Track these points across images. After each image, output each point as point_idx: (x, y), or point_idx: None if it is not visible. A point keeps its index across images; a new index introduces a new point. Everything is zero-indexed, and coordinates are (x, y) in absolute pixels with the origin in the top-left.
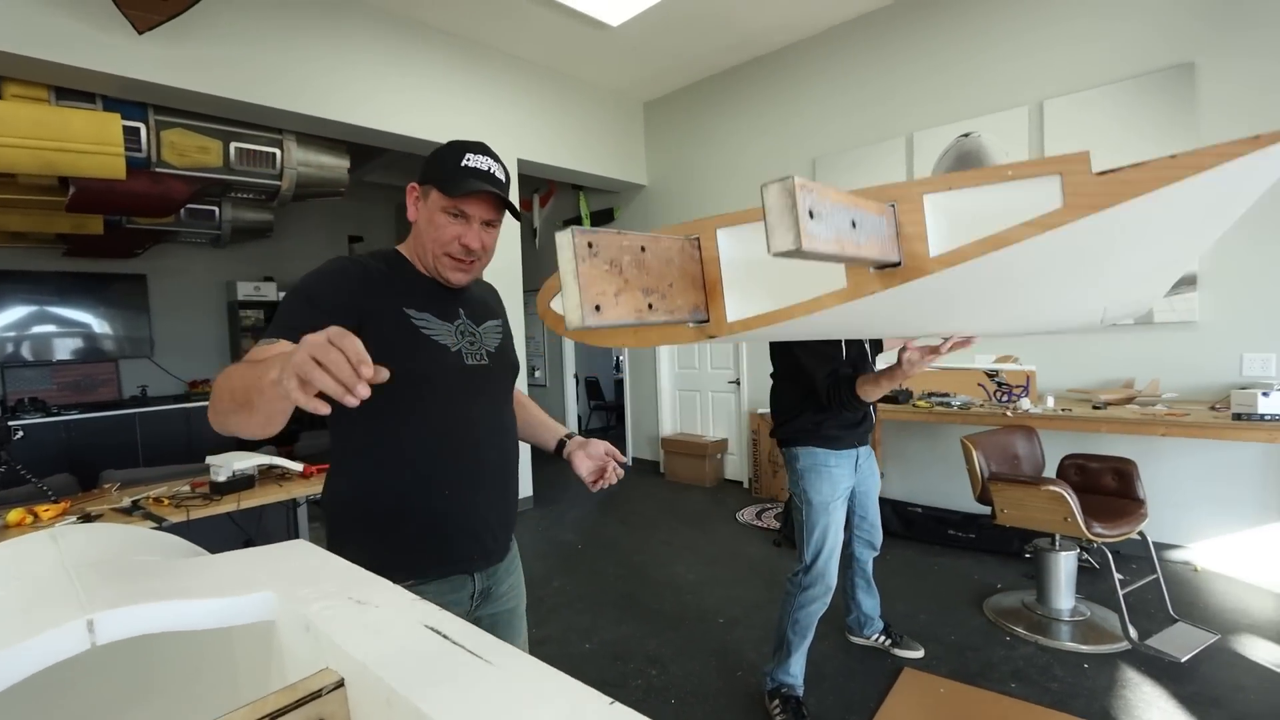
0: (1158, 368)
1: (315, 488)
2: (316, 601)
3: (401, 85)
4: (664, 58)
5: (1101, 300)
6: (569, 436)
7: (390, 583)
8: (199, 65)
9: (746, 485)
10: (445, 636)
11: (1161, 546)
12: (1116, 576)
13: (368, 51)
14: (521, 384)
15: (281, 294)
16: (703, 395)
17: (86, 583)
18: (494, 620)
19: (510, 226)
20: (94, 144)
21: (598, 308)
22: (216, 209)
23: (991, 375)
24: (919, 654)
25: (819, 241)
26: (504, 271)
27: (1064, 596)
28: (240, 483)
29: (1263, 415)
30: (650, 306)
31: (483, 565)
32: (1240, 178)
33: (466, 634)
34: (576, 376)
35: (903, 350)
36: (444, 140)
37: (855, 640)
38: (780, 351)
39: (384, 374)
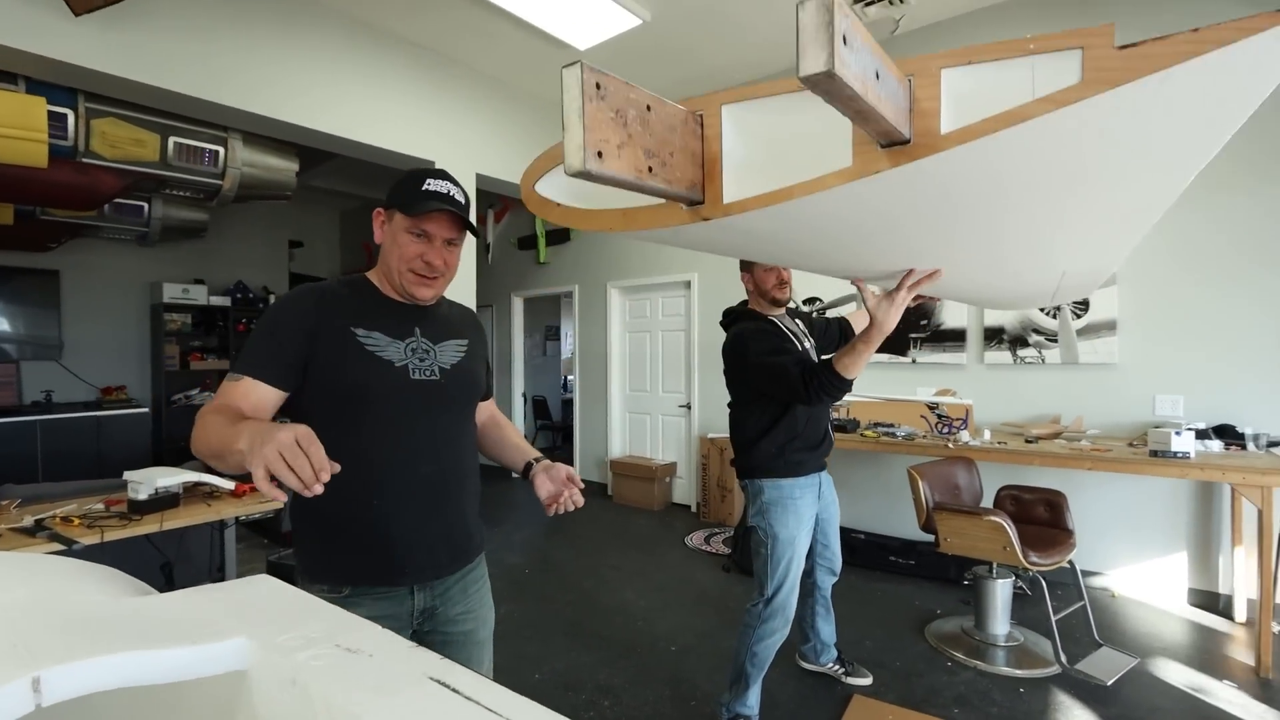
0: (1081, 405)
1: (247, 508)
2: (302, 650)
3: (361, 93)
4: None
5: (1063, 262)
6: (537, 460)
7: (380, 627)
8: (141, 53)
9: (694, 509)
10: (456, 691)
11: (1083, 573)
12: (1049, 602)
13: (328, 55)
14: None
15: (212, 298)
16: (653, 418)
17: (25, 631)
18: (445, 641)
19: (465, 243)
20: (13, 128)
21: (600, 154)
22: (146, 205)
23: (932, 408)
24: (868, 681)
25: (849, 72)
26: (457, 285)
27: (1000, 622)
28: (163, 501)
29: (1175, 453)
30: (650, 170)
31: (421, 580)
32: (1256, 62)
33: (478, 688)
34: (525, 395)
35: (865, 304)
36: (400, 149)
37: (807, 667)
38: (737, 376)
39: (336, 467)
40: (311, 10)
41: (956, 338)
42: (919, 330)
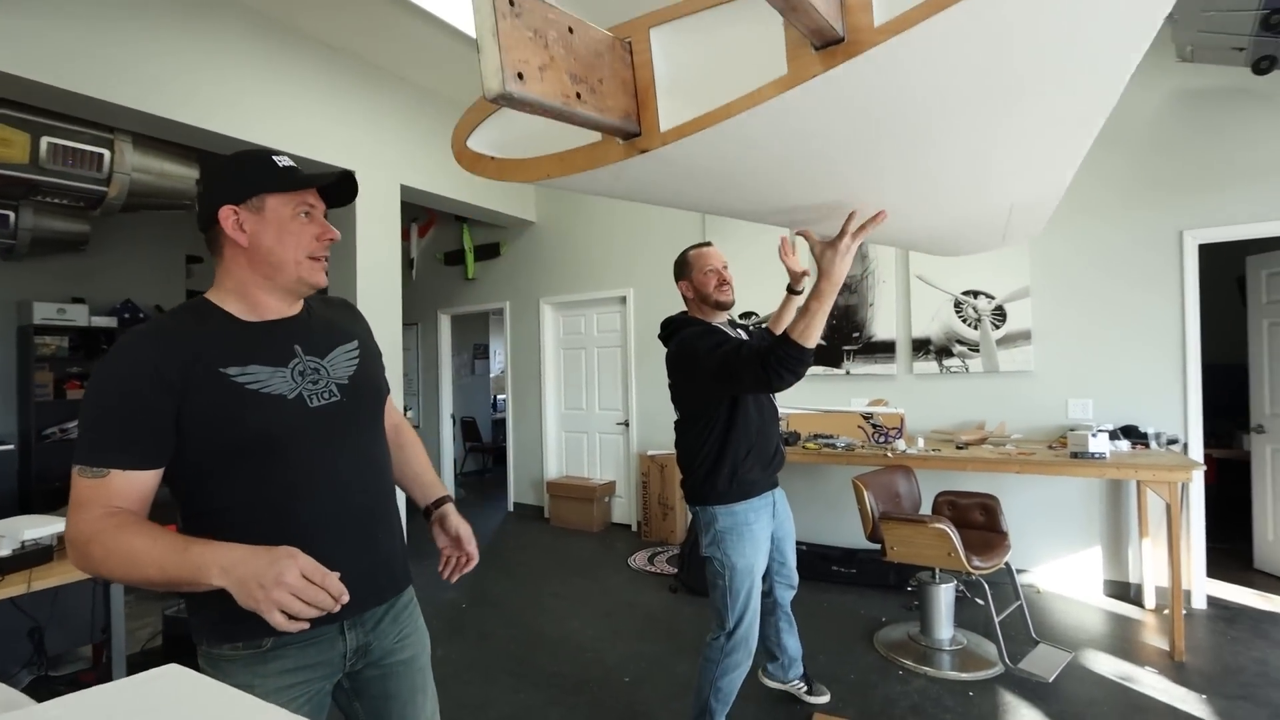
0: (1002, 411)
1: None
2: None
3: (272, 95)
4: None
5: (1008, 193)
6: (438, 503)
7: None
8: (11, 42)
9: (635, 529)
10: None
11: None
12: (992, 605)
13: (233, 52)
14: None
15: (95, 319)
16: (590, 436)
17: None
18: (385, 675)
19: (391, 256)
20: None
21: (520, 75)
22: (12, 214)
23: (867, 418)
24: (827, 698)
25: None
26: (382, 301)
27: (945, 627)
28: (32, 556)
29: (1093, 454)
30: (579, 96)
31: (353, 614)
32: None
33: None
34: (453, 417)
35: (813, 252)
36: (316, 156)
37: (773, 685)
38: (685, 385)
39: (345, 597)
40: (218, 5)
41: (887, 349)
42: (851, 342)
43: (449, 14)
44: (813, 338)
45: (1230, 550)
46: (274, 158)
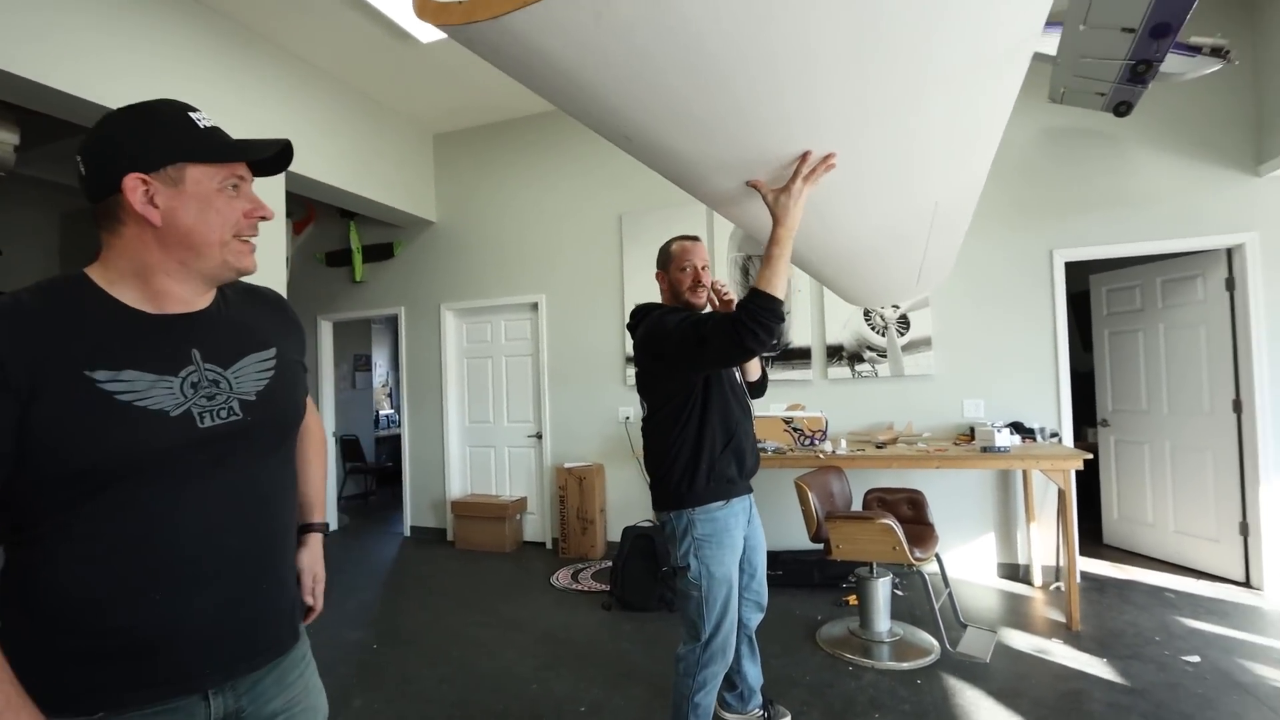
0: (909, 412)
1: None
2: None
3: (124, 49)
4: (467, 90)
5: (932, 192)
6: (309, 527)
7: None
8: None
9: (551, 546)
10: None
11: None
12: (932, 594)
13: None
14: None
15: None
16: (498, 451)
17: None
18: None
19: (275, 255)
20: None
21: None
22: None
23: (788, 422)
24: (788, 718)
25: None
26: None
27: (883, 619)
28: None
29: (999, 448)
30: None
31: (220, 680)
32: None
33: None
34: (335, 435)
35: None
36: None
37: (729, 717)
38: (651, 377)
39: None
40: None
41: (803, 355)
42: (770, 349)
43: None
44: (777, 284)
45: (1083, 529)
46: (191, 114)
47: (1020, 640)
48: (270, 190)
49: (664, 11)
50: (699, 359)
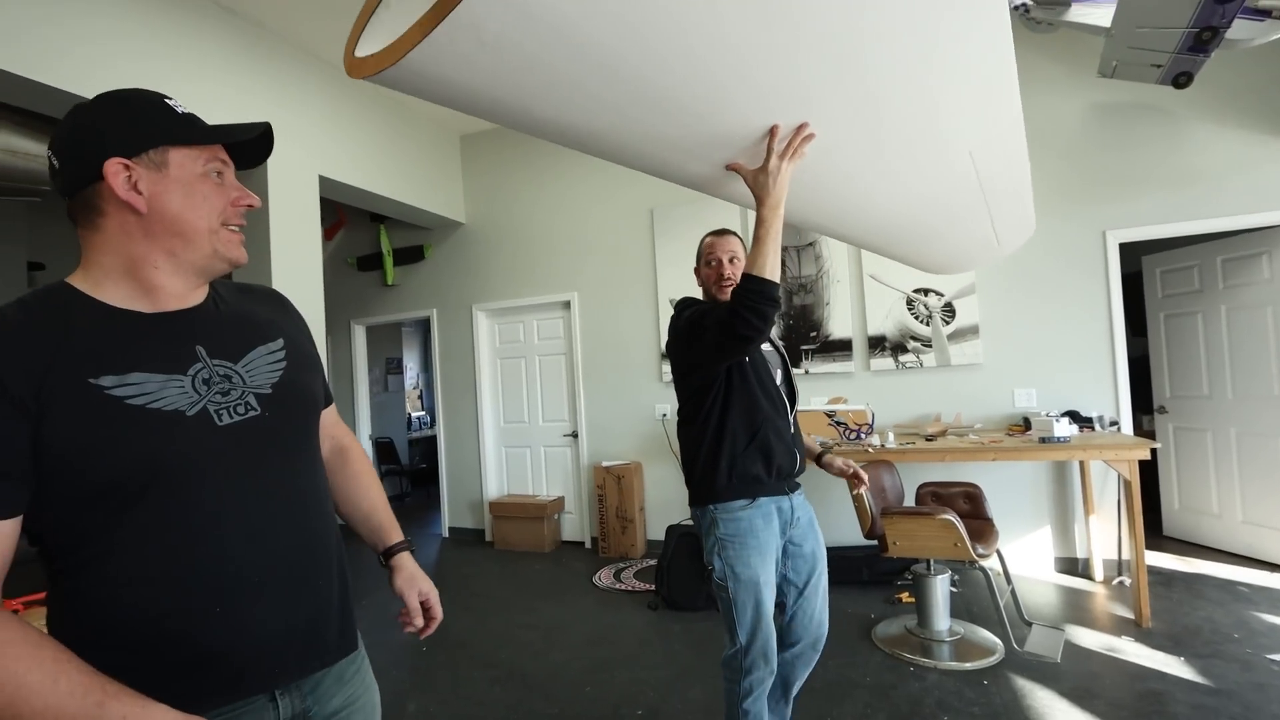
0: (956, 403)
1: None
2: None
3: (162, 58)
4: None
5: (963, 138)
6: (394, 549)
7: None
8: None
9: (590, 545)
10: None
11: None
12: (997, 591)
13: (117, 9)
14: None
15: None
16: (534, 451)
17: None
18: None
19: (312, 259)
20: None
21: None
22: None
23: (830, 415)
24: None
25: None
26: (304, 311)
27: (943, 618)
28: None
29: (1058, 438)
30: None
31: (284, 681)
32: None
33: None
34: (371, 439)
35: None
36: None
37: None
38: (679, 371)
39: None
40: None
41: (844, 347)
42: (809, 341)
43: None
44: (767, 267)
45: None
46: (167, 101)
47: (1088, 638)
48: (303, 194)
49: (531, 19)
50: (701, 353)
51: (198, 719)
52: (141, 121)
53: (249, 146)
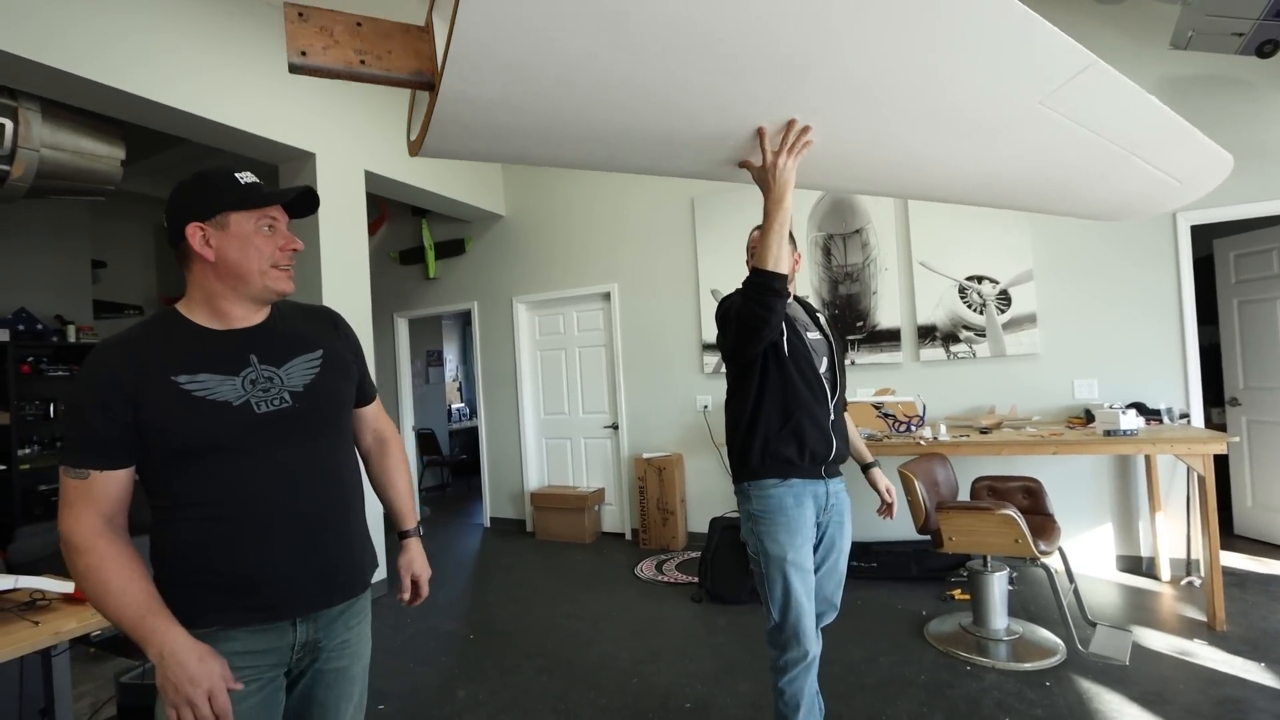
0: (1011, 394)
1: (84, 620)
2: None
3: (219, 58)
4: None
5: (1025, 97)
6: (405, 534)
7: None
8: None
9: (631, 537)
10: None
11: None
12: (1059, 589)
13: (175, 14)
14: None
15: None
16: (574, 442)
17: None
18: (316, 679)
19: (359, 254)
20: None
21: (304, 53)
22: None
23: (878, 408)
24: None
25: None
26: (352, 306)
27: (1000, 616)
28: None
29: (1124, 431)
30: (363, 62)
31: (303, 612)
32: None
33: None
34: (414, 430)
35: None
36: (269, 134)
37: None
38: (726, 362)
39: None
40: None
41: (892, 337)
42: (856, 331)
43: None
44: (769, 259)
45: None
46: (236, 175)
47: (1156, 640)
48: (350, 190)
49: (504, 83)
50: (729, 340)
51: (206, 648)
52: (212, 193)
53: (298, 202)
